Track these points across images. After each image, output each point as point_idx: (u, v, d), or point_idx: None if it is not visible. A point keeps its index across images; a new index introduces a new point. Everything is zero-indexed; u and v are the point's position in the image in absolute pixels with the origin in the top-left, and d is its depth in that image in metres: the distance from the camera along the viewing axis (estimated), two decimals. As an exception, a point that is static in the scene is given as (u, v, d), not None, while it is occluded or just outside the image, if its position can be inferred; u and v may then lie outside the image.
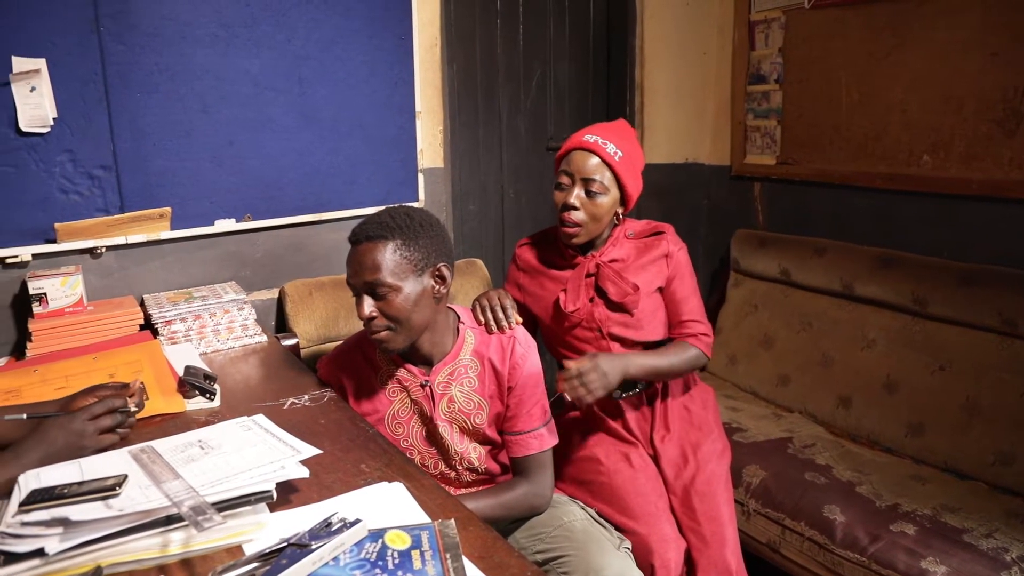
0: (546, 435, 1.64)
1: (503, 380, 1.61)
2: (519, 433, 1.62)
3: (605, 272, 1.86)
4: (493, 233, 3.15)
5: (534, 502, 1.64)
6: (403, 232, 1.48)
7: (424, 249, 1.49)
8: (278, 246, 2.39)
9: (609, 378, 1.73)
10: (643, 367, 1.81)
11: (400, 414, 1.64)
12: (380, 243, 1.46)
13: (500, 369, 1.61)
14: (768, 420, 2.66)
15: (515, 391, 1.62)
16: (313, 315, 2.31)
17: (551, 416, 1.67)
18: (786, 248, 2.97)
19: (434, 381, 1.60)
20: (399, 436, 1.64)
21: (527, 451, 1.62)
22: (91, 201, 2.03)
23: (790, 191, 3.16)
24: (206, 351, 1.94)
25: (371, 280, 1.45)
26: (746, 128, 3.30)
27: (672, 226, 1.93)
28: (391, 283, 1.45)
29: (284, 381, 1.72)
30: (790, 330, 2.87)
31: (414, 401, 1.62)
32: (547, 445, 1.63)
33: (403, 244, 1.47)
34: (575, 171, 1.80)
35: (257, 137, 2.26)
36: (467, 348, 1.63)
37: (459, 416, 1.62)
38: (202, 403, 1.56)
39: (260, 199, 2.30)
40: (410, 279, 1.48)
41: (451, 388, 1.61)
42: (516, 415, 1.62)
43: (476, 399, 1.62)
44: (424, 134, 2.61)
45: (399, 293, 1.46)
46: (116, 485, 1.07)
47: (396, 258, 1.46)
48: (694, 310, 1.90)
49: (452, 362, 1.61)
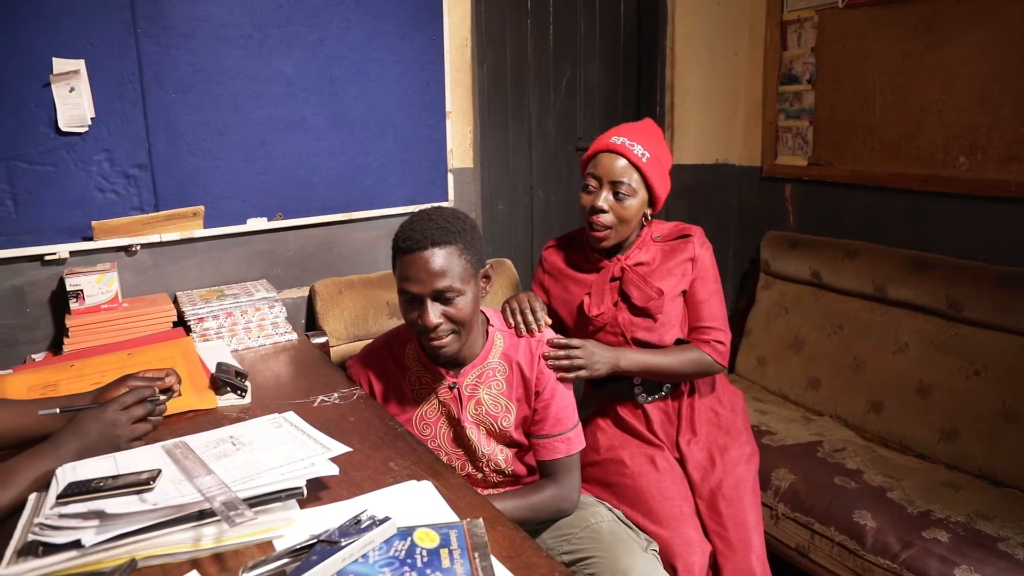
0: (573, 439, 1.63)
1: (530, 384, 1.61)
2: (546, 436, 1.62)
3: (630, 276, 1.85)
4: (522, 233, 3.14)
5: (561, 505, 1.63)
6: (463, 236, 1.47)
7: (478, 251, 1.51)
8: (309, 245, 2.40)
9: (596, 361, 1.72)
10: (636, 363, 1.80)
11: (428, 415, 1.64)
12: (446, 248, 1.44)
13: (528, 373, 1.61)
14: (798, 423, 2.63)
15: (543, 395, 1.61)
16: (343, 314, 2.31)
17: (578, 420, 1.66)
18: (817, 250, 2.94)
19: (462, 383, 1.61)
20: (427, 437, 1.64)
21: (554, 455, 1.61)
22: (127, 200, 2.06)
23: (822, 192, 3.13)
24: (237, 348, 1.95)
25: (442, 287, 1.44)
26: (777, 128, 3.27)
27: (701, 228, 1.91)
28: (460, 288, 1.45)
29: (314, 379, 1.73)
30: (821, 333, 2.84)
31: (442, 403, 1.62)
32: (574, 449, 1.63)
33: (466, 248, 1.47)
34: (602, 174, 1.79)
35: (289, 137, 2.27)
36: (496, 351, 1.63)
37: (486, 419, 1.62)
38: (233, 400, 1.57)
39: (291, 198, 2.32)
40: (472, 281, 1.49)
41: (479, 391, 1.61)
42: (543, 418, 1.62)
43: (503, 402, 1.62)
44: (454, 134, 2.62)
45: (465, 297, 1.47)
46: (150, 479, 1.08)
47: (461, 263, 1.46)
48: (713, 315, 1.88)
49: (481, 364, 1.61)
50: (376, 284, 2.40)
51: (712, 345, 1.86)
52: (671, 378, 1.90)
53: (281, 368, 1.84)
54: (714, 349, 1.86)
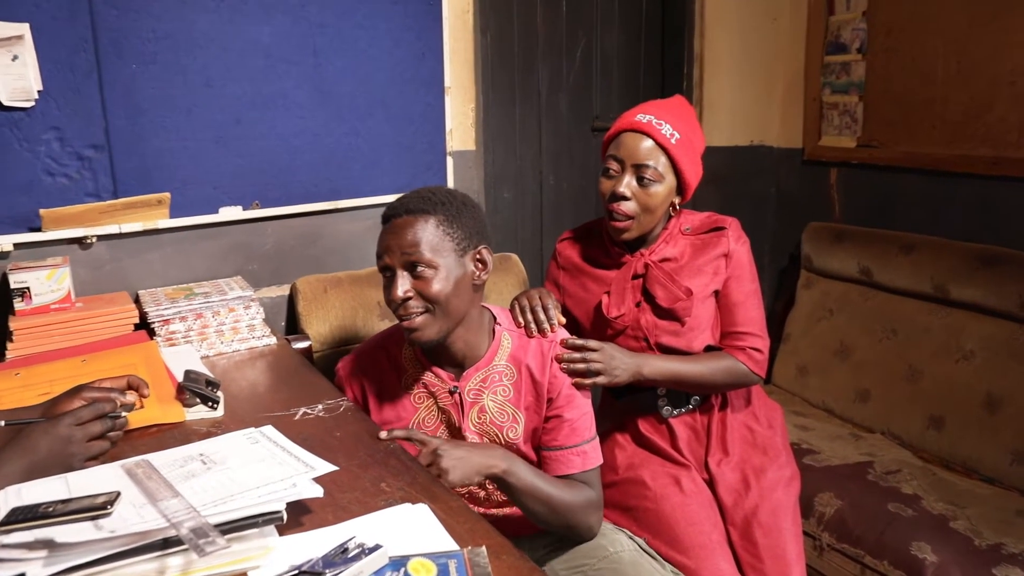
0: (590, 452, 1.63)
1: (542, 391, 1.61)
2: (558, 448, 1.61)
3: (654, 273, 1.85)
4: (530, 225, 3.14)
5: (590, 519, 1.62)
6: (445, 208, 1.52)
7: (467, 228, 1.54)
8: (290, 237, 2.41)
9: (615, 367, 1.72)
10: (661, 370, 1.80)
11: (426, 423, 1.65)
12: (421, 217, 1.50)
13: (539, 378, 1.61)
14: (844, 441, 2.63)
15: (556, 402, 1.61)
16: (328, 315, 2.31)
17: (595, 434, 1.66)
18: (867, 243, 2.94)
19: (464, 387, 1.61)
20: None
21: (568, 469, 1.61)
22: (80, 185, 2.05)
23: (873, 178, 3.12)
24: (208, 354, 1.95)
25: (409, 254, 1.49)
26: (822, 105, 3.26)
27: (737, 220, 1.91)
28: (431, 259, 1.49)
29: (295, 388, 1.73)
30: (871, 338, 2.83)
31: (441, 409, 1.64)
32: (590, 464, 1.62)
33: (445, 220, 1.51)
34: (625, 156, 1.79)
35: (267, 115, 2.27)
36: (503, 352, 1.64)
37: (490, 428, 1.63)
38: (204, 412, 1.56)
39: (270, 184, 2.31)
40: (451, 258, 1.51)
41: (483, 396, 1.62)
42: (556, 428, 1.62)
43: (510, 410, 1.63)
44: (454, 112, 2.62)
45: (438, 272, 1.50)
46: (107, 503, 1.07)
47: (438, 234, 1.50)
48: (749, 319, 1.87)
49: (485, 367, 1.62)
50: (366, 282, 2.40)
51: (748, 353, 1.85)
52: (700, 389, 1.89)
53: (258, 376, 1.83)
54: (750, 357, 1.85)
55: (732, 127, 3.38)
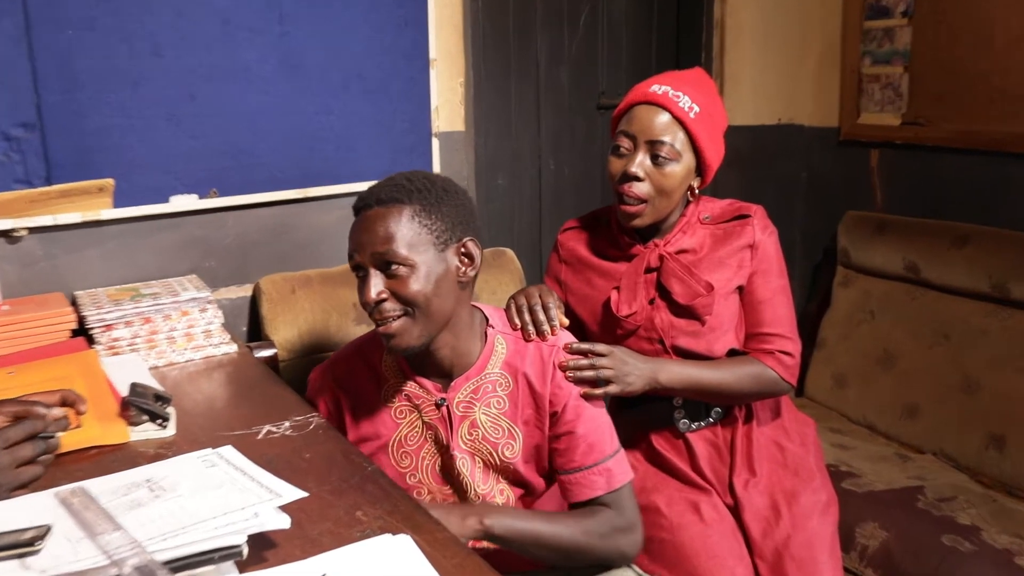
0: (614, 468, 1.61)
1: (543, 402, 1.62)
2: (576, 470, 1.61)
3: (671, 266, 1.86)
4: (527, 215, 3.15)
5: (620, 545, 1.60)
6: (422, 196, 1.52)
7: (448, 219, 1.53)
8: (252, 230, 2.41)
9: (628, 373, 1.72)
10: (680, 377, 1.81)
11: (408, 440, 1.65)
12: (394, 208, 1.50)
13: (539, 389, 1.62)
14: (890, 463, 2.64)
15: (563, 416, 1.61)
16: (297, 319, 2.32)
17: (619, 445, 1.65)
18: (914, 235, 2.95)
19: (453, 399, 1.62)
20: (406, 469, 1.66)
21: (592, 491, 1.60)
22: (8, 169, 2.04)
23: (920, 160, 3.13)
24: (158, 364, 1.95)
25: (382, 252, 1.48)
26: (861, 77, 3.28)
27: (763, 208, 1.92)
28: (406, 256, 1.49)
29: (259, 403, 1.73)
30: (919, 344, 2.84)
31: (427, 424, 1.64)
32: (617, 482, 1.61)
33: (422, 211, 1.51)
34: (638, 131, 1.80)
35: (226, 90, 2.27)
36: (496, 359, 1.64)
37: (483, 446, 1.63)
38: (152, 432, 1.56)
39: (230, 170, 2.31)
40: (430, 253, 1.51)
41: (474, 409, 1.62)
42: (570, 447, 1.61)
43: (506, 425, 1.63)
44: (440, 88, 2.62)
45: (416, 270, 1.50)
46: (36, 539, 1.07)
47: (414, 227, 1.50)
48: (778, 318, 1.88)
49: (477, 376, 1.62)
50: (340, 281, 2.41)
51: (777, 357, 1.86)
52: (723, 399, 1.89)
53: (215, 390, 1.84)
54: (779, 362, 1.86)
55: (757, 103, 3.39)
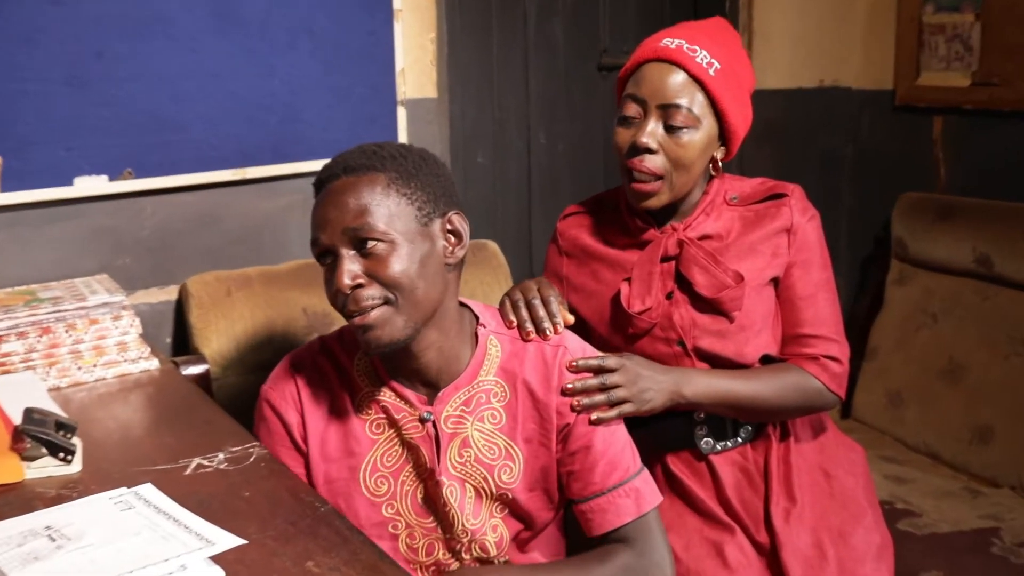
0: (643, 489, 1.63)
1: (548, 414, 1.62)
2: (599, 494, 1.62)
3: (692, 253, 1.85)
4: (514, 200, 3.15)
5: None
6: (397, 164, 1.53)
7: (430, 188, 1.55)
8: (177, 219, 2.40)
9: (645, 389, 1.72)
10: (709, 390, 1.80)
11: (384, 463, 1.64)
12: (366, 177, 1.51)
13: (542, 397, 1.62)
14: (957, 499, 2.63)
15: (575, 431, 1.62)
16: (233, 327, 2.31)
17: (641, 463, 1.66)
18: (986, 222, 2.95)
19: (440, 413, 1.61)
20: (381, 498, 1.64)
21: (620, 518, 1.61)
22: None
23: (994, 130, 3.13)
24: (60, 385, 1.93)
25: (356, 227, 1.48)
26: (922, 28, 3.27)
27: (801, 188, 1.91)
28: (385, 231, 1.48)
29: (186, 431, 1.71)
30: (993, 354, 2.84)
31: (408, 443, 1.63)
32: (647, 504, 1.63)
33: (399, 179, 1.52)
34: (648, 94, 1.79)
35: (142, 47, 2.26)
36: (490, 364, 1.64)
37: (476, 470, 1.63)
38: (53, 467, 1.54)
39: (148, 146, 2.30)
40: (412, 227, 1.52)
41: (466, 425, 1.62)
42: (586, 467, 1.62)
43: (503, 443, 1.63)
44: (407, 46, 2.62)
45: (397, 247, 1.49)
46: None
47: (392, 196, 1.51)
48: (821, 317, 1.88)
49: (468, 385, 1.62)
50: (286, 281, 2.41)
51: (822, 363, 1.86)
52: (760, 415, 1.89)
53: (132, 415, 1.82)
54: (825, 369, 1.86)
55: (794, 62, 3.39)
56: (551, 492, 1.66)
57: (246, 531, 1.27)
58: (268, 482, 1.50)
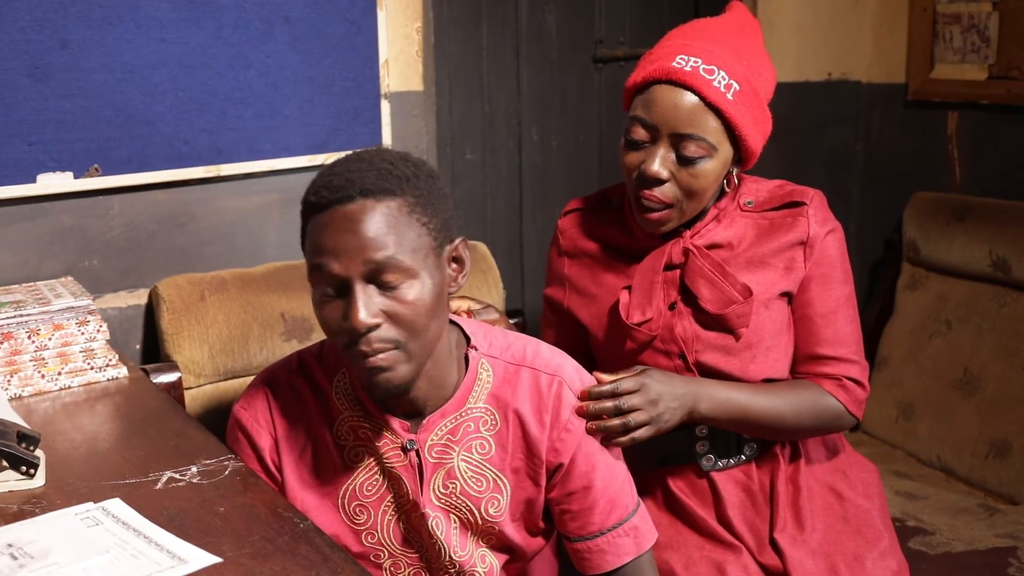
0: (641, 527, 1.64)
1: (538, 451, 1.61)
2: (599, 534, 1.62)
3: (698, 264, 1.85)
4: (504, 200, 3.16)
5: None
6: (416, 184, 1.47)
7: (441, 214, 1.50)
8: (147, 219, 2.40)
9: (663, 411, 1.71)
10: (724, 405, 1.81)
11: (365, 492, 1.64)
12: (389, 201, 1.44)
13: (535, 432, 1.61)
14: (973, 517, 2.63)
15: (573, 471, 1.61)
16: (207, 333, 2.31)
17: (637, 496, 1.66)
18: (1004, 223, 2.95)
19: (424, 442, 1.61)
20: (361, 527, 1.64)
21: (619, 558, 1.62)
22: None
23: (1012, 126, 3.13)
24: (21, 394, 1.93)
25: (379, 261, 1.42)
26: (936, 18, 3.28)
27: (822, 194, 1.91)
28: (409, 266, 1.44)
29: (157, 443, 1.71)
30: (1011, 364, 2.84)
31: (390, 473, 1.62)
32: (646, 543, 1.64)
33: (418, 204, 1.46)
34: (659, 121, 1.77)
35: (110, 35, 2.25)
36: (480, 390, 1.63)
37: (461, 502, 1.62)
38: (14, 482, 1.53)
39: (116, 141, 2.30)
40: (431, 260, 1.47)
41: (452, 455, 1.61)
42: (586, 507, 1.62)
43: (491, 475, 1.62)
44: (391, 36, 2.62)
45: (421, 285, 1.45)
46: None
47: (416, 227, 1.45)
48: (840, 337, 1.88)
49: (455, 412, 1.61)
50: (263, 284, 2.41)
51: (843, 384, 1.86)
52: (774, 433, 1.90)
53: (100, 426, 1.82)
54: (847, 392, 1.86)
55: (801, 54, 3.40)
56: (535, 523, 1.66)
57: (220, 549, 1.27)
58: (244, 497, 1.50)
